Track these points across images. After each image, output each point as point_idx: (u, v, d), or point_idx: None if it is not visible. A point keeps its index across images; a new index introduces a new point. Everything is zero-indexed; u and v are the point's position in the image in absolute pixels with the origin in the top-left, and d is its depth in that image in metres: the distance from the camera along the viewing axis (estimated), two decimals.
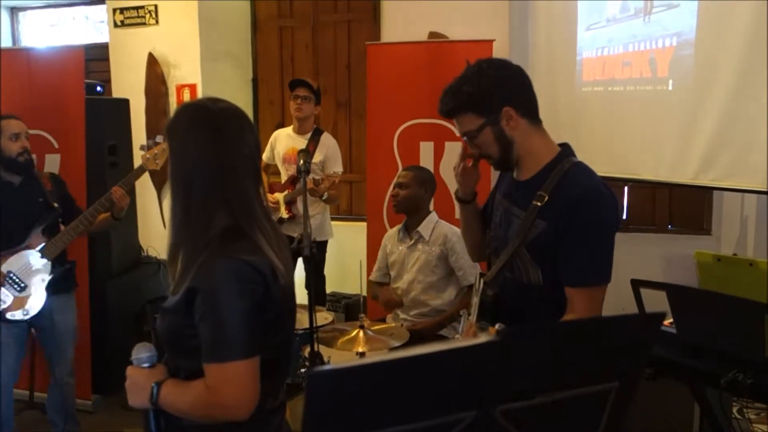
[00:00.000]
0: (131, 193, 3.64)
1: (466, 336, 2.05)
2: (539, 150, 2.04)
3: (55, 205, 3.51)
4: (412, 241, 3.57)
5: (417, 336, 3.23)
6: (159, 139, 3.47)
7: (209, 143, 1.62)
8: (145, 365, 1.69)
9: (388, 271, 3.76)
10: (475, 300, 2.18)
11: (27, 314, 3.42)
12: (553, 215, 1.95)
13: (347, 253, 5.29)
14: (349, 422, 1.00)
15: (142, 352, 1.70)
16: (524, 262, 2.02)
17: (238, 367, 1.54)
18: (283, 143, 4.64)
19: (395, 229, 3.74)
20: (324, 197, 4.38)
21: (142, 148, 3.57)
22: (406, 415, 1.07)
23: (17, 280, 3.40)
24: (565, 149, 2.08)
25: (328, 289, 4.99)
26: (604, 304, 2.00)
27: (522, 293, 2.05)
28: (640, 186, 4.75)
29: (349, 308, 5.06)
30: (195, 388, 1.59)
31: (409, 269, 3.56)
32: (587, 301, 1.93)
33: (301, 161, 2.93)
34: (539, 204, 1.97)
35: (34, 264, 3.43)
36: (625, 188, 4.91)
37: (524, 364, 1.16)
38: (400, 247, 3.64)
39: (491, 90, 1.98)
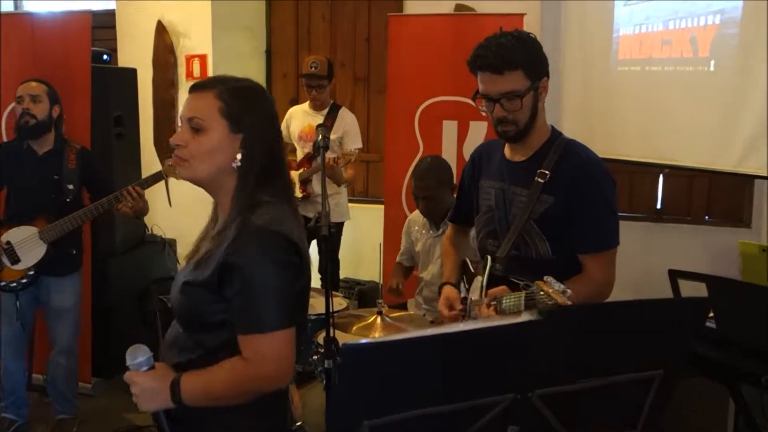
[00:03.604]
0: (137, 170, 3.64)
1: (483, 316, 2.09)
2: (542, 127, 2.23)
3: (71, 187, 3.53)
4: (439, 231, 3.54)
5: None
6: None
7: (270, 125, 1.76)
8: (145, 369, 1.68)
9: (413, 256, 3.76)
10: (481, 279, 2.29)
11: (7, 287, 3.50)
12: (559, 189, 2.14)
13: (362, 237, 5.29)
14: (379, 401, 1.02)
15: (138, 356, 1.68)
16: (532, 237, 2.19)
17: (281, 336, 1.62)
18: (298, 120, 4.66)
19: (419, 214, 3.71)
20: (345, 185, 4.40)
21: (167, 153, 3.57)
22: (439, 397, 1.09)
23: (14, 252, 3.45)
24: (554, 128, 2.27)
25: (342, 275, 5.00)
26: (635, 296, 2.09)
27: (531, 269, 2.16)
28: (676, 174, 4.73)
29: (363, 295, 5.08)
30: (225, 367, 1.64)
31: (435, 260, 3.53)
32: (602, 265, 2.14)
33: (320, 136, 2.91)
34: (542, 181, 2.16)
35: (33, 243, 3.47)
36: (660, 176, 4.89)
37: (566, 346, 1.18)
38: (426, 236, 3.63)
39: (541, 57, 2.15)
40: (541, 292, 1.85)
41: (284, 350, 1.64)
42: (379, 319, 3.02)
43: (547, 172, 2.16)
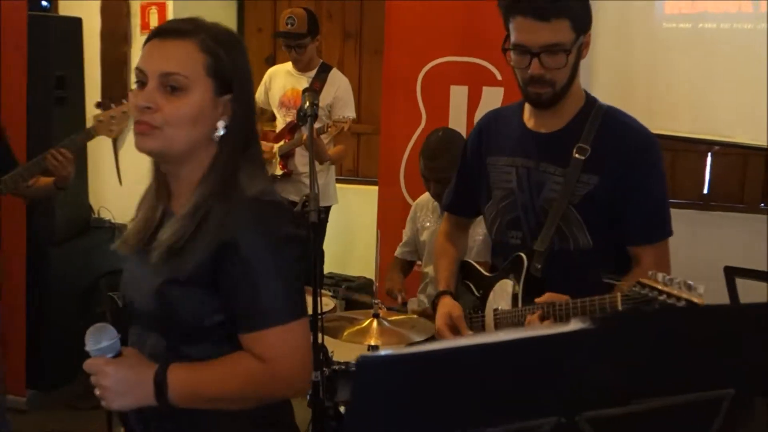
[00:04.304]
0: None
1: (533, 323, 2.04)
2: (577, 91, 2.21)
3: None
4: None
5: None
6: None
7: (252, 84, 1.75)
8: (110, 355, 1.58)
9: (416, 249, 3.74)
10: (510, 283, 2.25)
11: None
12: (604, 167, 2.13)
13: (351, 225, 5.26)
14: (402, 425, 0.98)
15: (103, 340, 1.58)
16: (570, 226, 2.17)
17: (299, 328, 1.61)
18: (280, 83, 4.64)
19: (428, 197, 3.67)
20: (329, 162, 4.39)
21: (98, 105, 3.48)
22: (471, 419, 1.06)
23: None
24: (588, 93, 2.25)
25: (325, 269, 4.97)
26: None
27: (568, 263, 2.17)
28: (728, 152, 4.71)
29: (351, 293, 5.03)
30: (241, 363, 1.59)
31: None
32: (659, 257, 2.15)
33: (307, 103, 2.88)
34: (582, 157, 2.13)
35: None
36: (709, 155, 4.87)
37: (620, 360, 1.15)
38: (435, 224, 3.58)
39: (588, 7, 2.13)
40: (654, 292, 1.70)
41: (304, 346, 1.62)
42: (375, 323, 2.98)
43: (587, 146, 2.13)
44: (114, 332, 1.60)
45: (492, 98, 4.27)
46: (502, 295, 2.30)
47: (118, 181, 5.39)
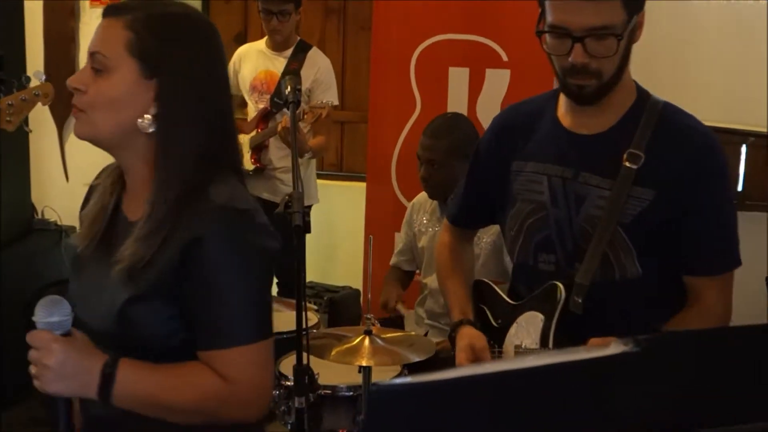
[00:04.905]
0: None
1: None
2: (628, 85, 2.11)
3: None
4: None
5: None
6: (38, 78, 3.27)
7: (208, 69, 1.73)
8: (59, 333, 1.60)
9: (414, 256, 3.74)
10: (540, 316, 2.17)
11: None
12: (663, 179, 2.03)
13: (334, 228, 5.25)
14: None
15: (55, 313, 1.61)
16: (617, 250, 2.06)
17: (261, 349, 1.66)
18: (251, 64, 4.63)
19: (426, 196, 3.65)
20: (309, 155, 4.37)
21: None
22: None
23: None
24: (639, 86, 2.15)
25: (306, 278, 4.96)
26: None
27: (611, 297, 2.08)
28: (765, 145, 4.73)
29: (336, 306, 5.05)
30: (198, 374, 1.63)
31: None
32: (722, 291, 2.07)
33: (288, 88, 2.87)
34: (634, 166, 2.02)
35: None
36: (743, 147, 4.89)
37: (666, 388, 1.16)
38: (435, 228, 3.58)
39: None
40: None
41: (264, 369, 1.68)
42: (367, 341, 2.98)
43: (639, 153, 2.02)
44: (68, 309, 1.63)
45: (497, 82, 4.28)
46: (528, 329, 2.21)
47: (65, 177, 5.36)
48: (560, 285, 2.11)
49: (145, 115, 1.67)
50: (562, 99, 2.16)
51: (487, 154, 2.34)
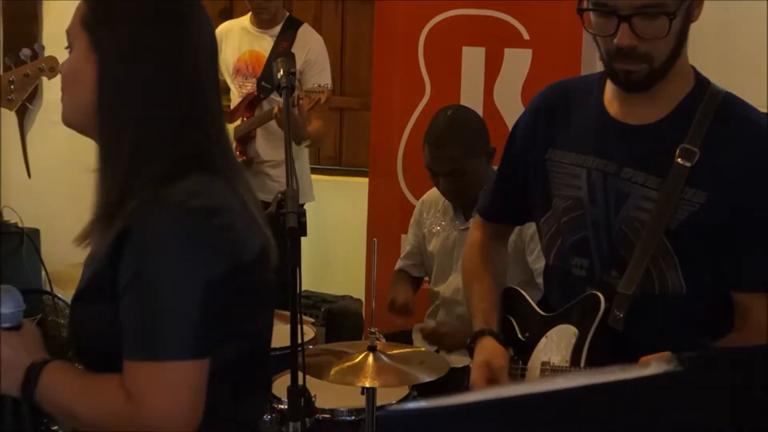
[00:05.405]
0: None
1: None
2: (684, 69, 2.11)
3: None
4: (469, 223, 3.50)
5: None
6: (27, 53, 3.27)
7: (174, 39, 1.74)
8: (6, 326, 1.70)
9: (423, 261, 3.74)
10: (574, 330, 2.17)
11: None
12: (717, 181, 2.03)
13: (331, 229, 5.27)
14: None
15: (4, 305, 1.70)
16: (659, 261, 2.08)
17: (179, 370, 1.62)
18: (234, 43, 4.66)
19: (438, 193, 3.65)
20: (307, 143, 4.39)
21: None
22: None
23: None
24: (697, 72, 2.15)
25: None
26: None
27: (649, 313, 2.10)
28: None
29: (334, 319, 5.05)
30: (109, 388, 1.65)
31: (459, 268, 3.49)
32: None
33: (281, 71, 2.86)
34: (688, 164, 2.02)
35: None
36: None
37: (706, 413, 1.15)
38: (448, 229, 3.61)
39: None
40: None
41: (182, 392, 1.63)
42: (371, 359, 2.96)
43: (694, 149, 2.02)
44: (20, 301, 1.73)
45: (517, 63, 4.28)
46: (559, 344, 2.21)
47: (27, 173, 5.37)
48: (600, 294, 2.12)
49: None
50: (610, 84, 2.17)
51: (523, 139, 2.36)
